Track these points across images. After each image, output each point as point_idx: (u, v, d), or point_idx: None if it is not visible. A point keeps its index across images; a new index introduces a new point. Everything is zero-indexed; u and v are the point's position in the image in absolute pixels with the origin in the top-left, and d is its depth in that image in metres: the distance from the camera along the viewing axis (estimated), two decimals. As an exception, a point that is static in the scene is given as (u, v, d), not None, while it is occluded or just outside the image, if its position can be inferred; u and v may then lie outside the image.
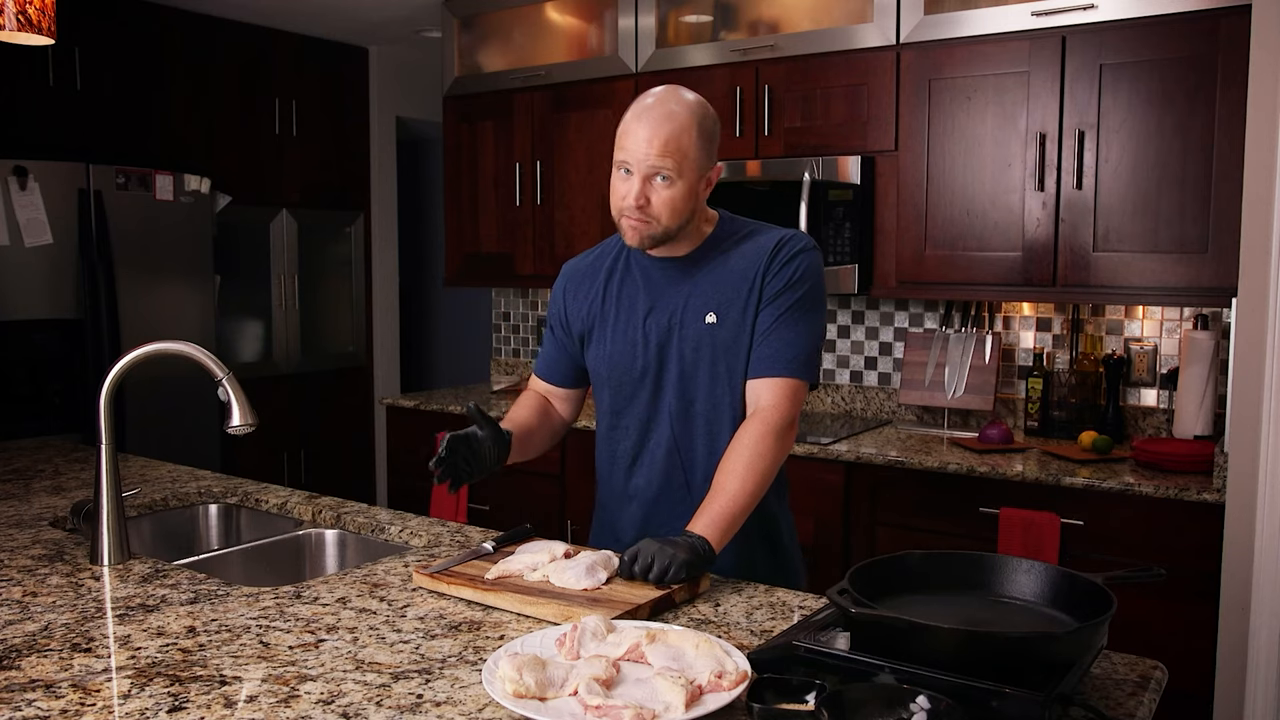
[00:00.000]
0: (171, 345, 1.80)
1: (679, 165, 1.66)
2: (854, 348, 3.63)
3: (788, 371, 1.72)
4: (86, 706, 1.21)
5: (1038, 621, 1.30)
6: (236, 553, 2.09)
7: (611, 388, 1.86)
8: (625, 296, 1.84)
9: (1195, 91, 2.65)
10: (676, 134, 1.65)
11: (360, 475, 5.21)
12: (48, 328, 3.74)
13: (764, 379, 1.73)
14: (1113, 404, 3.05)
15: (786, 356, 1.72)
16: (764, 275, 1.74)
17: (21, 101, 3.84)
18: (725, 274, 1.76)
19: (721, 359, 1.76)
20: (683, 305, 1.78)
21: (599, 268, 1.89)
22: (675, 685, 1.15)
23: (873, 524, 2.92)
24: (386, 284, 5.37)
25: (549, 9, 3.94)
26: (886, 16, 3.10)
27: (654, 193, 1.68)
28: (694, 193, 1.71)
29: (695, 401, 1.78)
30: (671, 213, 1.69)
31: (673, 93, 1.71)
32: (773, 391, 1.72)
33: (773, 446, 1.69)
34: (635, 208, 1.69)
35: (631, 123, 1.68)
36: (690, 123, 1.67)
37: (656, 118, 1.66)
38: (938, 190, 3.06)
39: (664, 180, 1.67)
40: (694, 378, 1.77)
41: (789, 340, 1.72)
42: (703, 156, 1.69)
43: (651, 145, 1.65)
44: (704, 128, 1.69)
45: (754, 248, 1.77)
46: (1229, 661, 2.41)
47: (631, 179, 1.68)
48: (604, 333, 1.85)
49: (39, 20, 2.09)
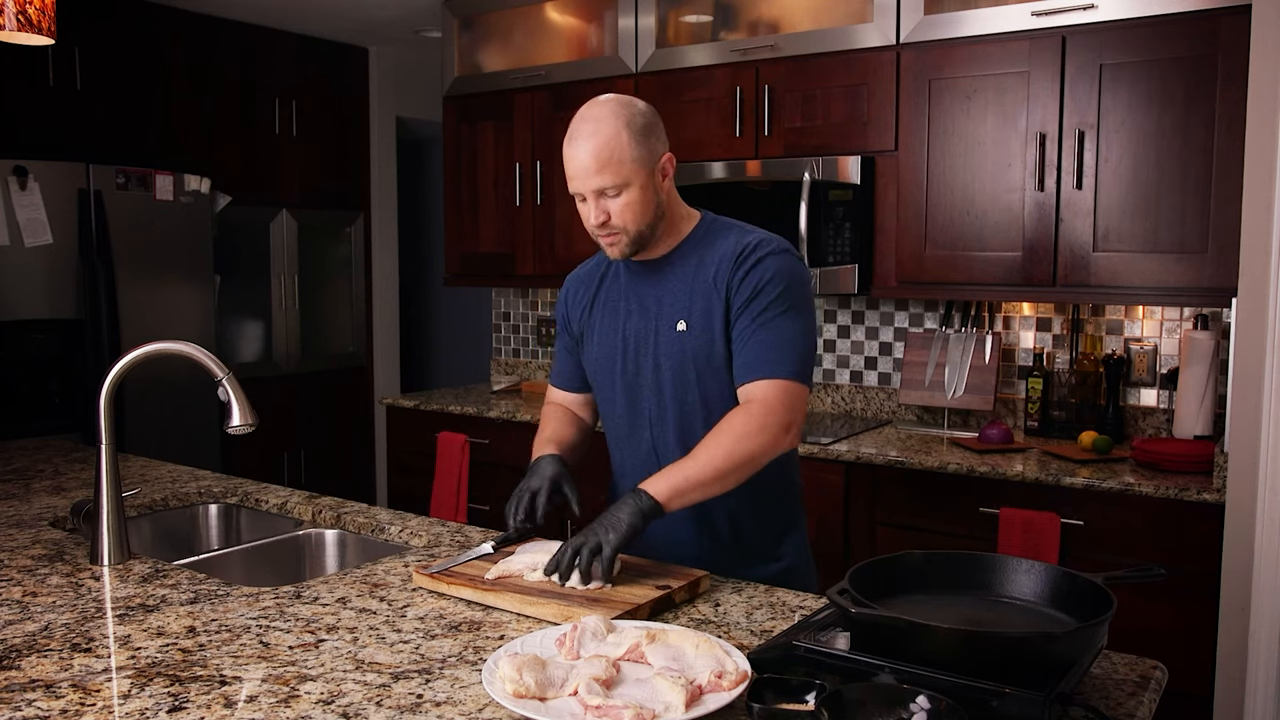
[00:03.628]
0: (171, 345, 1.80)
1: (619, 173, 1.66)
2: (854, 348, 3.63)
3: (771, 373, 1.69)
4: (86, 706, 1.21)
5: (1038, 621, 1.30)
6: (236, 553, 2.09)
7: (597, 390, 1.91)
8: (610, 300, 1.87)
9: (1195, 91, 2.65)
10: (606, 145, 1.65)
11: (360, 475, 5.21)
12: (48, 328, 3.75)
13: (749, 384, 1.71)
14: (1113, 404, 3.05)
15: (769, 359, 1.70)
16: (728, 283, 1.73)
17: (21, 101, 3.84)
18: (695, 279, 1.76)
19: (691, 366, 1.76)
20: (656, 311, 1.80)
21: (595, 274, 1.92)
22: (675, 685, 1.15)
23: (873, 524, 2.92)
24: (386, 284, 5.37)
25: (549, 9, 3.94)
26: (886, 16, 3.10)
27: (610, 205, 1.69)
28: (650, 189, 1.70)
29: (668, 407, 1.80)
30: (634, 217, 1.70)
31: (594, 106, 1.71)
32: (762, 391, 1.70)
33: (755, 434, 1.65)
34: (599, 226, 1.71)
35: (567, 149, 1.70)
36: (616, 127, 1.66)
37: (584, 136, 1.67)
38: (938, 190, 3.06)
39: (614, 192, 1.68)
40: (668, 384, 1.79)
41: (769, 343, 1.70)
42: (643, 152, 1.68)
43: (587, 166, 1.66)
44: (633, 125, 1.67)
45: (720, 252, 1.76)
46: (1229, 661, 2.41)
47: (588, 202, 1.70)
48: (592, 336, 1.89)
49: (39, 20, 2.09)
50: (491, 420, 3.76)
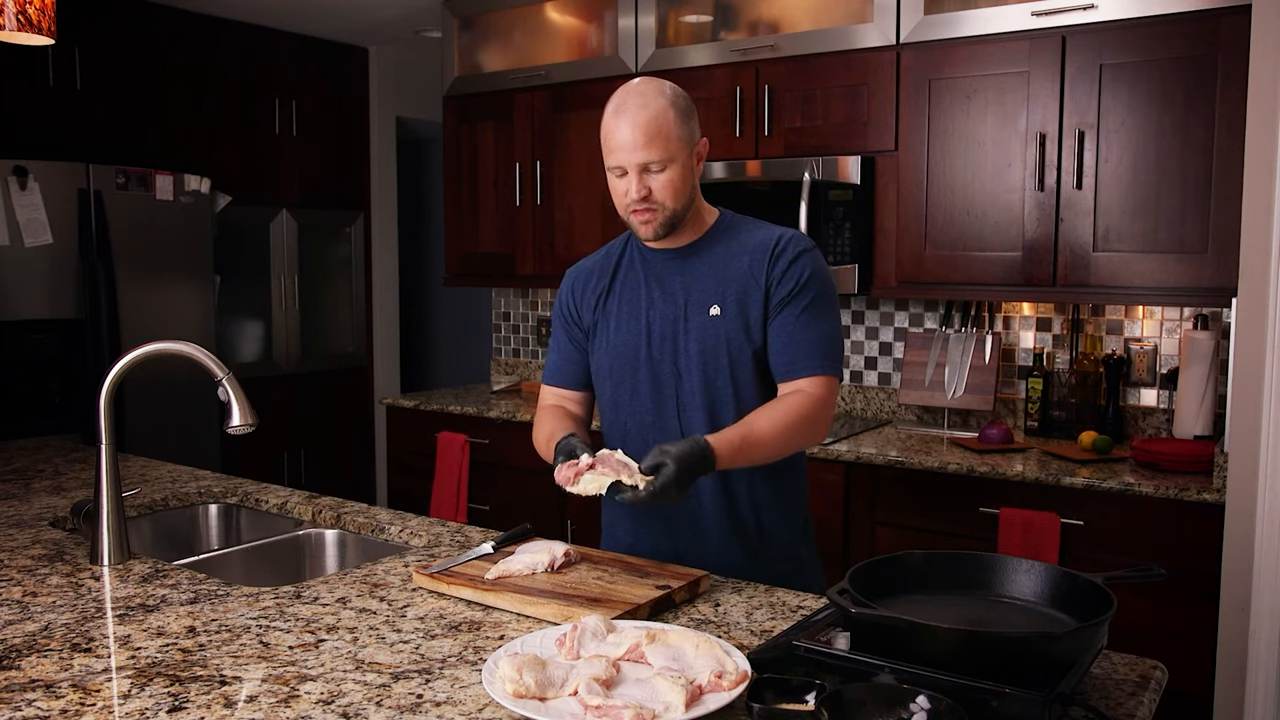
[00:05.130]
0: (171, 345, 1.80)
1: (667, 149, 1.69)
2: (854, 348, 3.63)
3: (819, 369, 1.74)
4: (86, 706, 1.21)
5: (1038, 621, 1.30)
6: (236, 553, 2.09)
7: (614, 380, 1.87)
8: (629, 289, 1.86)
9: (1195, 91, 2.65)
10: (656, 120, 1.68)
11: (360, 475, 5.21)
12: (48, 328, 3.75)
13: (798, 379, 1.75)
14: (1113, 404, 3.05)
15: (816, 355, 1.74)
16: (768, 276, 1.76)
17: (21, 101, 3.84)
18: (726, 267, 1.79)
19: (724, 351, 1.77)
20: (685, 298, 1.80)
21: (606, 265, 1.91)
22: (675, 685, 1.15)
23: (873, 524, 2.92)
24: (386, 284, 5.37)
25: (549, 9, 3.94)
26: (886, 16, 3.10)
27: (652, 181, 1.71)
28: (689, 169, 1.74)
29: (698, 393, 1.79)
30: (674, 194, 1.73)
31: (640, 83, 1.74)
32: (812, 386, 1.74)
33: (809, 425, 1.71)
34: (639, 199, 1.72)
35: (611, 123, 1.71)
36: (663, 104, 1.69)
37: (633, 110, 1.69)
38: (938, 190, 3.06)
39: (658, 167, 1.70)
40: (697, 370, 1.79)
41: (814, 340, 1.74)
42: (686, 133, 1.72)
43: (634, 140, 1.68)
44: (679, 106, 1.72)
45: (753, 243, 1.79)
46: (1229, 661, 2.41)
47: (628, 177, 1.71)
48: (608, 325, 1.87)
49: (39, 20, 2.09)
50: (491, 420, 3.76)
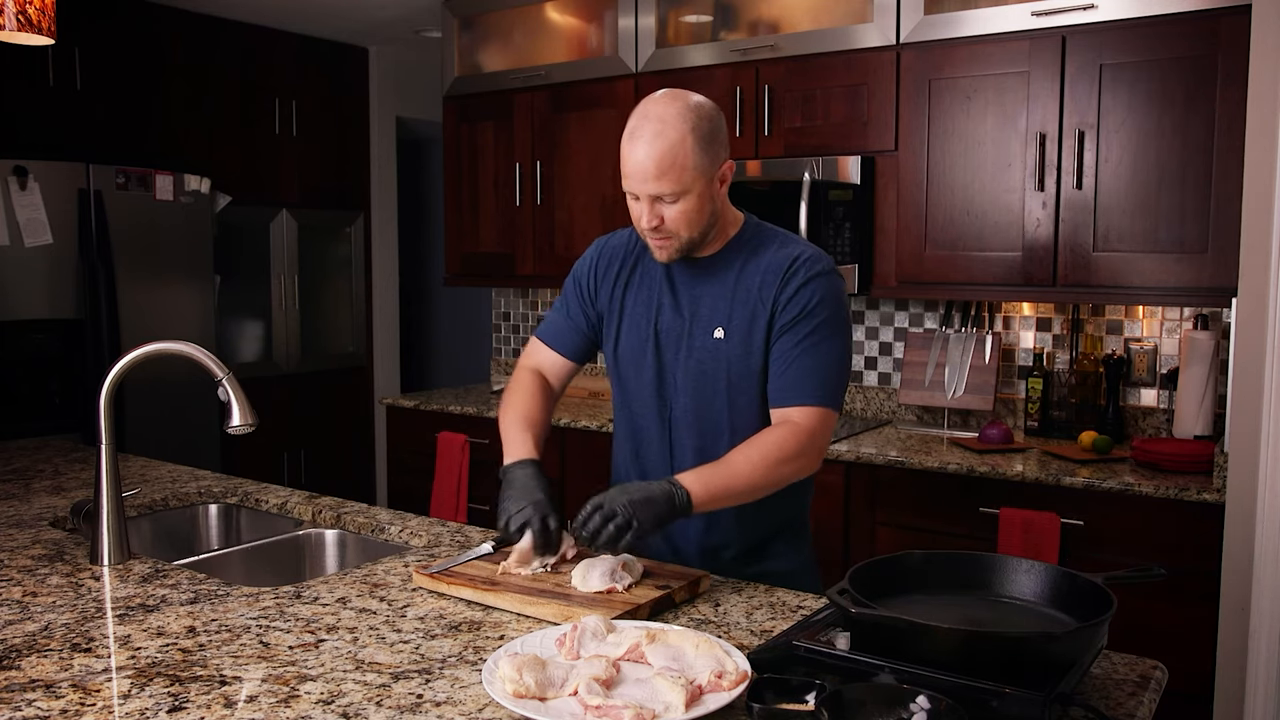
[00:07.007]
0: (171, 345, 1.80)
1: (680, 181, 1.61)
2: (854, 348, 3.63)
3: (811, 400, 1.67)
4: (86, 706, 1.21)
5: (1038, 621, 1.30)
6: (236, 553, 2.09)
7: (620, 382, 1.86)
8: (642, 290, 1.82)
9: (1195, 91, 2.65)
10: (670, 151, 1.59)
11: (360, 475, 5.21)
12: (48, 328, 3.75)
13: (790, 407, 1.69)
14: (1113, 404, 3.05)
15: (811, 385, 1.68)
16: (775, 299, 1.70)
17: (21, 101, 3.84)
18: (738, 286, 1.73)
19: (724, 375, 1.73)
20: (692, 312, 1.76)
21: (631, 250, 1.86)
22: (675, 685, 1.15)
23: (873, 524, 2.92)
24: (386, 284, 5.37)
25: (549, 9, 3.94)
26: (886, 16, 3.10)
27: (665, 211, 1.64)
28: (706, 198, 1.66)
29: (690, 411, 1.77)
30: (688, 225, 1.66)
31: (661, 104, 1.63)
32: (802, 416, 1.68)
33: (796, 458, 1.65)
34: (651, 229, 1.67)
35: (625, 146, 1.63)
36: (683, 133, 1.59)
37: (648, 138, 1.60)
38: (938, 190, 3.06)
39: (671, 199, 1.63)
40: (695, 388, 1.76)
41: (812, 368, 1.68)
42: (705, 161, 1.62)
43: (647, 170, 1.60)
44: (700, 131, 1.61)
45: (769, 263, 1.72)
46: (1229, 661, 2.41)
47: (641, 202, 1.65)
48: (616, 324, 1.84)
49: (39, 20, 2.09)
50: (491, 420, 3.76)
